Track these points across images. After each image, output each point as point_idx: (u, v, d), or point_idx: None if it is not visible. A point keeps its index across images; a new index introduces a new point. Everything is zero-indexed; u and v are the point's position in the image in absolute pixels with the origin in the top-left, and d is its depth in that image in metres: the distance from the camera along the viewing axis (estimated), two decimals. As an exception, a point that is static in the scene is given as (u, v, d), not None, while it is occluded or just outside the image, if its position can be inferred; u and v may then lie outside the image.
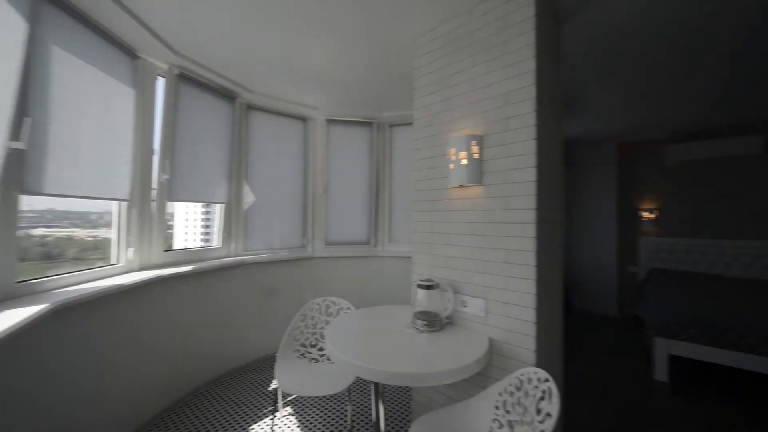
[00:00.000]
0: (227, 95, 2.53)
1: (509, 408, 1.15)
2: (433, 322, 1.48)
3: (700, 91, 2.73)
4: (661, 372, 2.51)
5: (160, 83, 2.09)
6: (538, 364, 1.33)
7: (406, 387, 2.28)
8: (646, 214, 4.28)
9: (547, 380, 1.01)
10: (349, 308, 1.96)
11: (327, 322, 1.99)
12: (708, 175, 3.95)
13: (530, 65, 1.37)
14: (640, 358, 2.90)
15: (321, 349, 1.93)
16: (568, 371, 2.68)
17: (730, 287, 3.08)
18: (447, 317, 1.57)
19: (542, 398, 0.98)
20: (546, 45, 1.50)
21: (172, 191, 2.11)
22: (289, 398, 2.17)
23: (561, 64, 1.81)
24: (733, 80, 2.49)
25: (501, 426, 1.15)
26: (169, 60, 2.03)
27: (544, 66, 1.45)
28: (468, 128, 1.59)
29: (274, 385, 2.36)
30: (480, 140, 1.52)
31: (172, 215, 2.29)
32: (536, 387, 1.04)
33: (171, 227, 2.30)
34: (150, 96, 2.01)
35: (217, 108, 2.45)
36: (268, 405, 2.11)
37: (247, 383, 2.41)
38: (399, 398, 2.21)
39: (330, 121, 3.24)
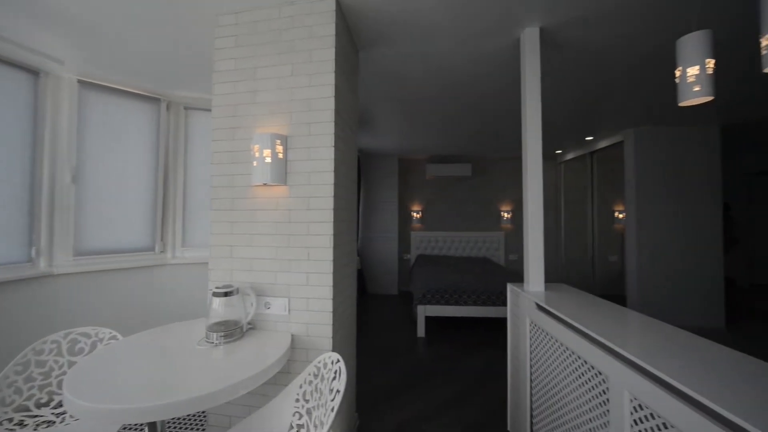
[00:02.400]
0: None
1: (308, 397, 1.23)
2: (232, 331, 1.36)
3: (445, 130, 3.92)
4: (421, 330, 3.42)
5: None
6: (335, 348, 1.49)
7: (202, 412, 1.98)
8: (415, 214, 5.69)
9: (338, 361, 1.14)
10: (114, 337, 1.48)
11: (73, 364, 1.42)
12: (448, 186, 5.73)
13: (330, 79, 1.51)
14: (410, 324, 3.83)
15: (60, 406, 1.36)
16: (363, 345, 3.16)
17: (457, 263, 4.60)
18: (249, 323, 1.49)
19: (334, 378, 1.11)
20: (345, 65, 1.70)
21: None
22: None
23: (357, 85, 2.10)
24: (461, 127, 3.73)
25: (300, 417, 1.21)
26: None
27: (342, 83, 1.64)
28: (274, 126, 1.56)
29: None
30: (285, 140, 1.53)
31: None
32: (330, 369, 1.16)
33: None
34: None
35: None
36: None
37: None
38: (193, 429, 1.89)
39: (85, 84, 2.34)
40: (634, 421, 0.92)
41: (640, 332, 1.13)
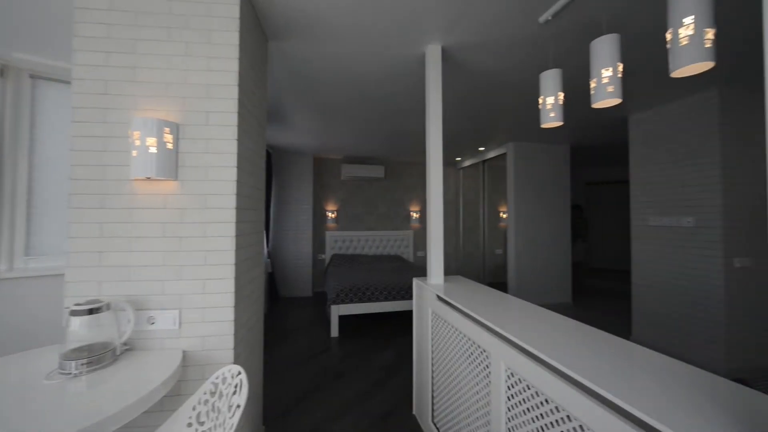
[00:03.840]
0: None
1: (203, 418, 1.10)
2: (100, 356, 1.12)
3: (359, 132, 3.99)
4: (335, 330, 3.41)
5: None
6: (237, 360, 1.37)
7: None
8: (330, 214, 5.64)
9: (239, 374, 1.06)
10: None
11: None
12: (363, 187, 5.87)
13: (234, 65, 1.38)
14: (324, 325, 3.78)
15: None
16: (274, 352, 2.99)
17: (370, 261, 4.75)
18: (126, 343, 1.25)
19: (234, 393, 1.02)
20: (252, 52, 1.57)
21: None
22: None
23: (266, 76, 1.97)
24: (374, 131, 3.86)
25: (194, 441, 1.07)
26: None
27: (248, 71, 1.52)
28: (161, 111, 1.35)
29: None
30: (176, 128, 1.34)
31: None
32: (230, 384, 1.07)
33: None
34: None
35: None
36: None
37: None
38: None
39: None
40: (508, 387, 1.11)
41: (513, 312, 1.37)
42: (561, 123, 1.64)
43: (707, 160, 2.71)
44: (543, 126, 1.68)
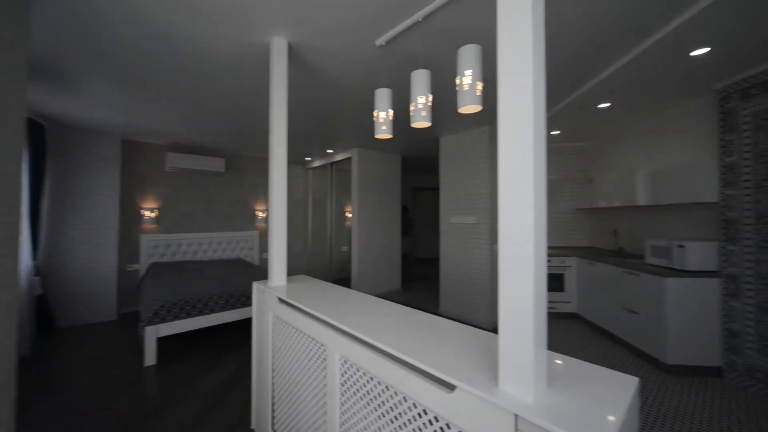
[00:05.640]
0: None
1: None
2: None
3: (192, 118, 3.35)
4: (150, 357, 2.74)
5: None
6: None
7: None
8: (148, 213, 4.50)
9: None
10: None
11: None
12: (197, 182, 4.99)
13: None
14: (135, 352, 2.98)
15: None
16: (47, 404, 2.11)
17: (205, 268, 4.10)
18: None
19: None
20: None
21: None
22: None
23: (24, 15, 1.37)
24: (213, 118, 3.33)
25: None
26: None
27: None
28: None
29: None
30: None
31: None
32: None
33: None
34: None
35: None
36: None
37: None
38: None
39: None
40: (341, 374, 1.19)
41: (350, 305, 1.49)
42: (391, 136, 1.90)
43: (482, 177, 3.77)
44: (376, 137, 1.91)
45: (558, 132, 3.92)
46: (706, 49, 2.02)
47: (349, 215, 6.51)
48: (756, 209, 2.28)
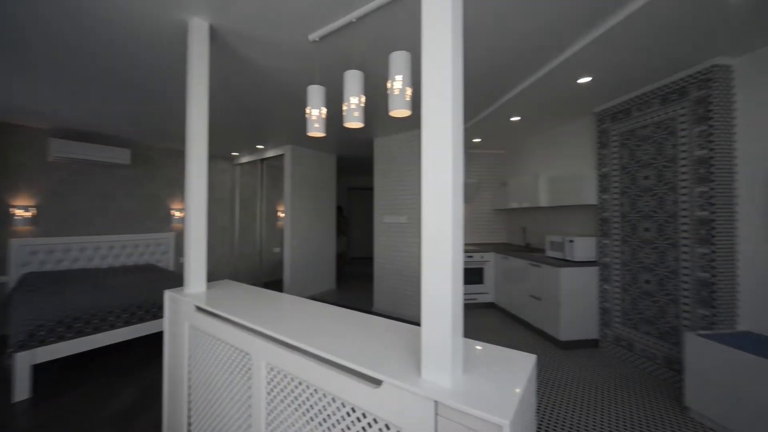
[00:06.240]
0: None
1: None
2: None
3: (86, 98, 2.80)
4: (22, 390, 2.22)
5: None
6: None
7: None
8: (20, 212, 3.65)
9: None
10: None
11: None
12: (93, 175, 4.20)
13: None
14: (1, 386, 2.39)
15: None
16: None
17: (105, 276, 3.49)
18: None
19: None
20: None
21: None
22: None
23: None
24: (115, 101, 2.84)
25: None
26: None
27: None
28: None
29: None
30: None
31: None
32: None
33: None
34: None
35: None
36: None
37: None
38: None
39: None
40: (268, 381, 1.14)
41: (279, 310, 1.43)
42: (324, 135, 1.87)
43: (414, 178, 3.97)
44: (308, 134, 1.86)
45: (480, 140, 4.32)
46: (589, 78, 2.45)
47: (282, 214, 6.22)
48: (621, 210, 2.84)
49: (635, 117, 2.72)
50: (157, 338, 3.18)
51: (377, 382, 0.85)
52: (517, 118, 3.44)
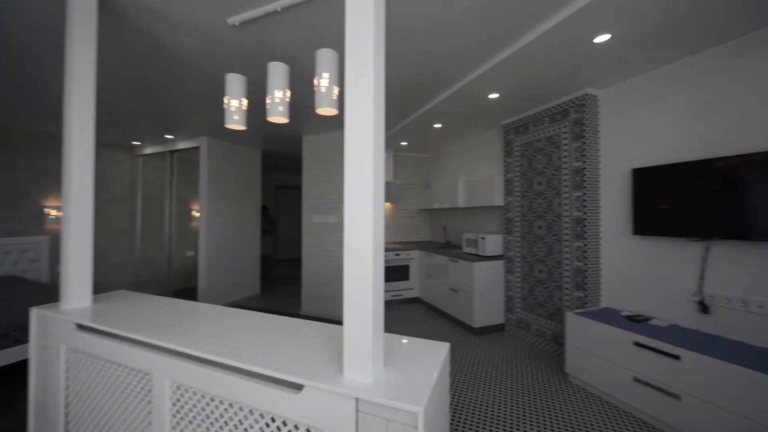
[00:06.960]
0: None
1: None
2: None
3: None
4: None
5: None
6: None
7: None
8: None
9: None
10: None
11: None
12: None
13: None
14: None
15: None
16: None
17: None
18: None
19: None
20: None
21: None
22: None
23: None
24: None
25: None
26: None
27: None
28: None
29: None
30: None
31: None
32: None
33: None
34: None
35: None
36: None
37: None
38: None
39: None
40: (173, 402, 1.02)
41: (186, 320, 1.28)
42: (244, 127, 1.74)
43: (342, 178, 3.96)
44: (227, 126, 1.71)
45: (406, 143, 4.53)
46: (497, 95, 2.78)
47: (197, 214, 5.56)
48: (521, 211, 3.30)
49: (532, 131, 3.18)
50: (19, 368, 2.55)
51: (299, 387, 0.83)
52: (439, 125, 3.71)
